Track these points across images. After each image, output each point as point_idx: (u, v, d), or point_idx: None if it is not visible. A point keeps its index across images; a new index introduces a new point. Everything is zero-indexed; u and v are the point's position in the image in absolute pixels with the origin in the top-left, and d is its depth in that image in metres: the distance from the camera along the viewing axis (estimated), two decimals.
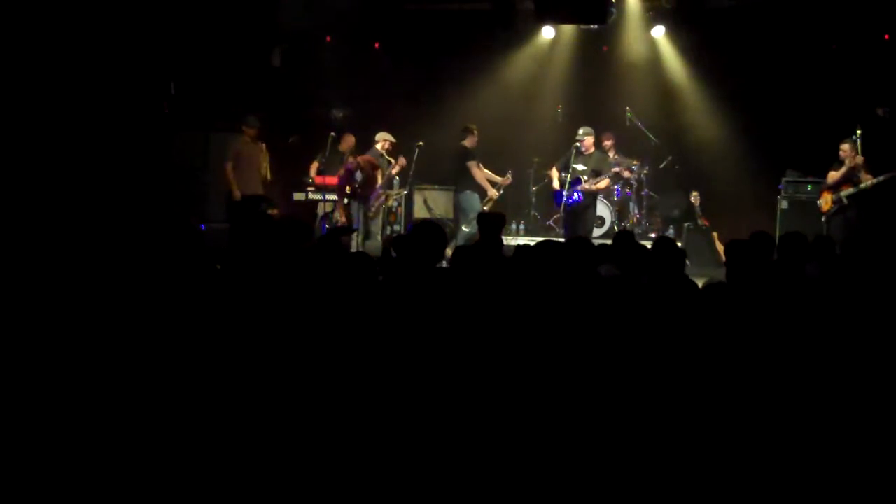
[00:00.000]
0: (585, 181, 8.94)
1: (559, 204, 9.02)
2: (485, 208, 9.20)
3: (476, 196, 9.39)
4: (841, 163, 8.83)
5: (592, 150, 9.17)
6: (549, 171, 9.66)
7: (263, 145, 9.42)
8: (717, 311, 3.57)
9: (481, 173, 9.44)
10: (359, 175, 9.38)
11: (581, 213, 8.98)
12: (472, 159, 9.41)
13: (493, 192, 9.40)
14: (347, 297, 3.55)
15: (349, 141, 9.94)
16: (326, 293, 3.61)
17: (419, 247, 3.93)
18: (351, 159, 9.47)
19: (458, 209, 9.52)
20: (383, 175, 9.67)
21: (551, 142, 11.47)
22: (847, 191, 8.77)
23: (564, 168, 8.94)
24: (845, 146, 8.80)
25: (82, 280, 3.76)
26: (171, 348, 3.17)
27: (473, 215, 8.68)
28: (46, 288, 3.68)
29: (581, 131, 9.07)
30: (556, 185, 9.04)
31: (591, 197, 9.11)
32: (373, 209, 9.61)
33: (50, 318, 3.33)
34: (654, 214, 11.03)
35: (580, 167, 8.98)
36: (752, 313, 3.49)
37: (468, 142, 9.49)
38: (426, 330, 3.22)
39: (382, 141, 9.74)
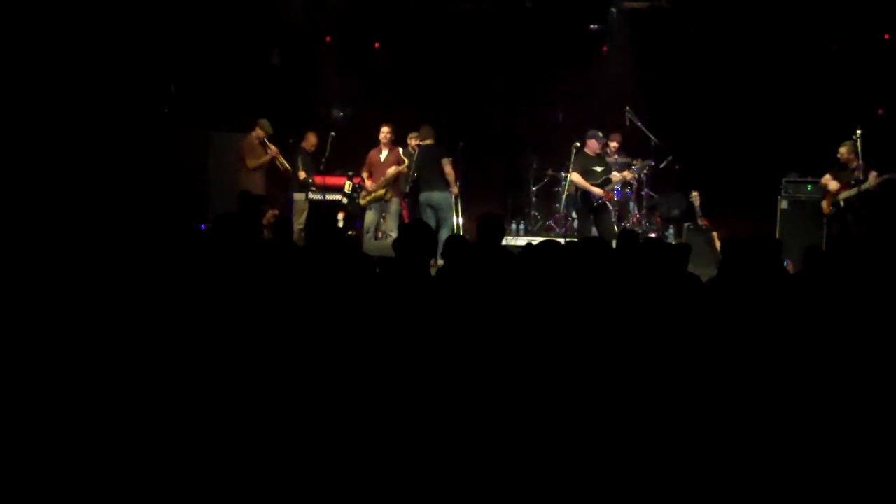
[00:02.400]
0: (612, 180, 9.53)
1: (596, 202, 9.37)
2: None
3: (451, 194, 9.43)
4: (841, 166, 8.81)
5: (598, 152, 9.55)
6: (562, 175, 10.25)
7: (272, 147, 9.55)
8: (715, 309, 3.57)
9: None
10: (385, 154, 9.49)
11: (603, 213, 9.38)
12: (448, 155, 9.44)
13: (456, 189, 9.44)
14: (347, 297, 3.55)
15: (311, 140, 9.96)
16: (327, 292, 3.61)
17: (411, 247, 3.93)
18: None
19: (439, 209, 9.30)
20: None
21: (551, 142, 11.50)
22: (844, 193, 8.76)
23: (586, 172, 9.31)
24: (843, 149, 8.77)
25: (82, 279, 3.76)
26: (169, 347, 3.17)
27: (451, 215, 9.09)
28: (46, 287, 3.68)
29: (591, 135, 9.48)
30: (597, 191, 9.32)
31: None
32: (365, 197, 9.59)
33: (49, 317, 3.33)
34: (654, 214, 11.02)
35: (599, 169, 9.40)
36: (750, 312, 3.49)
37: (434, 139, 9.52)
38: (424, 329, 3.22)
39: (410, 139, 9.74)
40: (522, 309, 3.40)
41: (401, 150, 9.63)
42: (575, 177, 9.30)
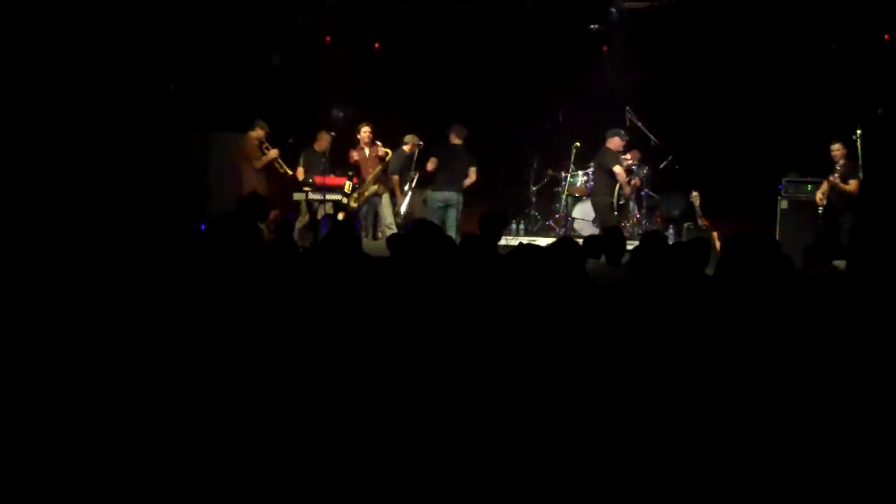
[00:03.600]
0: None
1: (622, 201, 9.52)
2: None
3: None
4: (834, 164, 8.88)
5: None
6: (562, 175, 10.52)
7: (273, 150, 9.57)
8: (712, 310, 3.57)
9: None
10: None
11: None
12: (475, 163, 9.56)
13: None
14: (347, 297, 3.55)
15: (324, 140, 9.98)
16: (328, 292, 3.61)
17: (419, 247, 3.92)
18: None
19: (450, 209, 9.41)
20: (379, 172, 9.71)
21: (551, 142, 11.51)
22: (823, 187, 8.89)
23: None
24: (835, 146, 8.86)
25: (81, 279, 3.76)
26: (169, 348, 3.17)
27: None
28: (45, 287, 3.68)
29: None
30: (628, 189, 9.49)
31: None
32: (359, 198, 9.65)
33: (48, 316, 3.33)
34: (654, 214, 11.03)
35: None
36: (745, 311, 3.49)
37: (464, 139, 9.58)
38: (426, 328, 3.22)
39: (411, 144, 9.78)
40: (521, 310, 3.40)
41: (379, 143, 9.71)
42: (619, 169, 9.24)
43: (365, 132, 9.80)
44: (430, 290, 3.56)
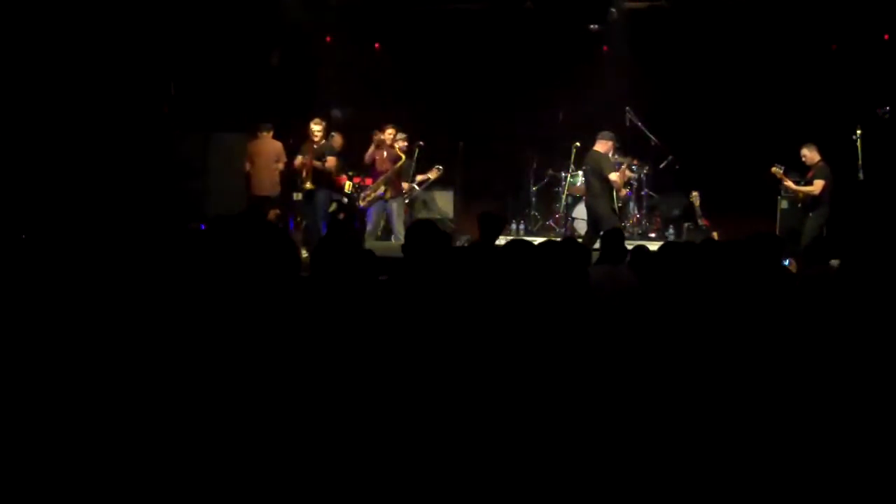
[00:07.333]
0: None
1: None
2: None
3: None
4: (807, 168, 8.95)
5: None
6: (562, 175, 10.68)
7: (280, 145, 9.66)
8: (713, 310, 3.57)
9: None
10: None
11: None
12: None
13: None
14: (350, 296, 3.55)
15: (336, 141, 10.00)
16: (329, 291, 3.60)
17: (417, 247, 3.92)
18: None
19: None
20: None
21: (551, 142, 11.51)
22: (790, 185, 9.06)
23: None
24: (803, 150, 8.97)
25: (80, 279, 3.76)
26: (169, 348, 3.16)
27: None
28: (44, 287, 3.68)
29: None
30: (625, 191, 9.60)
31: None
32: (366, 198, 9.64)
33: (47, 316, 3.33)
34: (654, 214, 11.03)
35: None
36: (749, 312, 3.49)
37: None
38: (427, 329, 3.21)
39: (398, 139, 9.84)
40: (521, 310, 3.40)
41: (398, 146, 9.66)
42: (615, 177, 9.13)
43: (389, 134, 9.69)
44: (433, 291, 3.56)
